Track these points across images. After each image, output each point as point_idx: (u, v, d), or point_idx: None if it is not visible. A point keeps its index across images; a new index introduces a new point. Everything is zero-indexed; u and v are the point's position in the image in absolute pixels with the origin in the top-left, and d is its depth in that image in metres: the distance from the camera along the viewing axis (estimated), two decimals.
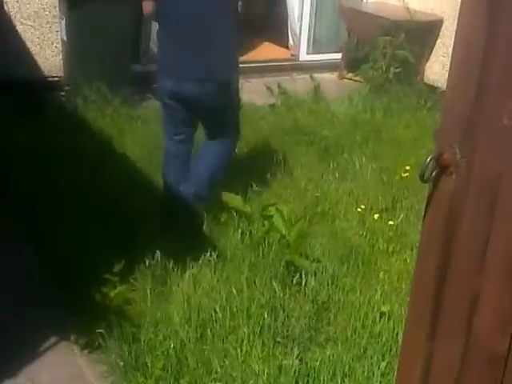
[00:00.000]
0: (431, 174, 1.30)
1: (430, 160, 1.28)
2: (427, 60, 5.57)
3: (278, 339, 2.53)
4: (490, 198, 1.24)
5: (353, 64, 5.74)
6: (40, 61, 4.83)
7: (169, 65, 3.03)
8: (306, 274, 2.83)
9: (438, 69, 5.50)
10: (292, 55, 6.07)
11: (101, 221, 3.11)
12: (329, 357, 2.39)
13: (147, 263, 2.78)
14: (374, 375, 2.34)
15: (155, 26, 3.52)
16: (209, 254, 2.90)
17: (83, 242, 2.95)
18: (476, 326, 1.32)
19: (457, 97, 1.30)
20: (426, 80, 5.55)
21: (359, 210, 3.44)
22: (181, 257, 2.86)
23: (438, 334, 1.43)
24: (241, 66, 3.38)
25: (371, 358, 2.42)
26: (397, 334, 2.53)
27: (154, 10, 3.00)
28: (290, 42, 6.11)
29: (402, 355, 1.60)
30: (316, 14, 5.91)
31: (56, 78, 4.78)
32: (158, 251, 2.79)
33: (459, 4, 1.28)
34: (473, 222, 1.29)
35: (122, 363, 2.38)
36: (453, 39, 1.31)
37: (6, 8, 4.67)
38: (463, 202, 1.30)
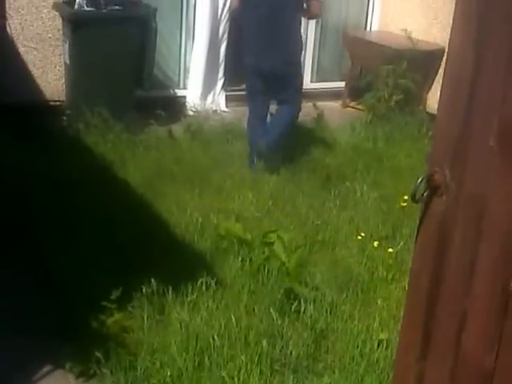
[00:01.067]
0: (422, 194, 1.34)
1: (422, 181, 1.32)
2: (429, 89, 5.60)
3: (276, 367, 2.53)
4: (477, 218, 1.26)
5: (356, 92, 5.77)
6: (42, 84, 4.82)
7: (252, 45, 4.20)
8: (305, 302, 2.83)
9: None
10: None
11: (99, 247, 3.11)
12: None
13: (144, 291, 2.77)
14: None
15: (159, 50, 4.82)
16: (208, 280, 2.89)
17: (81, 268, 2.95)
18: (464, 344, 1.35)
19: (446, 121, 1.34)
20: (427, 109, 5.57)
21: (359, 237, 3.44)
22: (180, 284, 2.85)
23: (428, 354, 1.46)
24: (243, 93, 4.59)
25: None
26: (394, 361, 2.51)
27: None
28: None
29: (395, 376, 1.63)
30: (320, 42, 5.97)
31: (58, 102, 4.77)
32: (152, 279, 2.78)
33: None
34: (461, 242, 1.32)
35: None
36: None
37: (8, 30, 4.67)
38: (453, 223, 1.32)
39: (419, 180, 1.32)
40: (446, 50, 1.34)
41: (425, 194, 1.34)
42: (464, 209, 1.29)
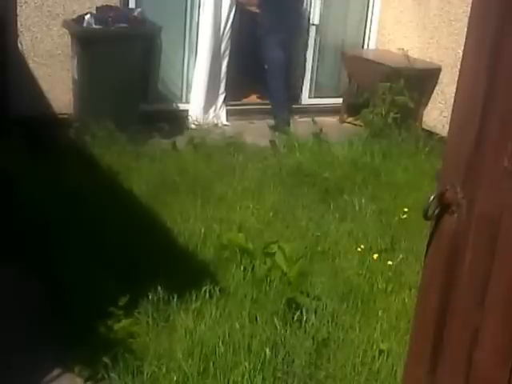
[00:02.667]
0: (434, 211, 1.34)
1: (434, 198, 1.33)
2: (425, 106, 5.72)
3: (279, 375, 2.57)
4: (491, 237, 1.27)
5: (353, 108, 5.88)
6: (51, 98, 4.93)
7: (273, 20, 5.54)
8: (307, 312, 2.88)
9: (435, 115, 5.65)
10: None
11: (107, 255, 3.17)
12: None
13: (150, 298, 2.83)
14: None
15: (163, 66, 5.20)
16: (211, 289, 2.96)
17: (89, 276, 3.00)
18: (476, 360, 1.34)
19: (459, 138, 1.35)
20: (423, 125, 5.69)
21: (359, 249, 3.51)
22: (184, 291, 2.91)
23: (438, 369, 1.46)
24: (246, 107, 5.37)
25: None
26: (395, 371, 2.58)
27: None
28: None
29: None
30: (318, 59, 6.09)
31: (66, 115, 4.87)
32: (159, 287, 2.84)
33: (456, 54, 1.38)
34: (473, 260, 1.32)
35: None
36: (450, 87, 1.41)
37: (20, 47, 4.80)
38: (464, 241, 1.33)
39: (431, 197, 1.33)
40: (458, 72, 1.38)
41: (436, 212, 1.34)
42: (476, 227, 1.30)
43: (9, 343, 2.65)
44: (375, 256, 3.44)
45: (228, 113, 5.62)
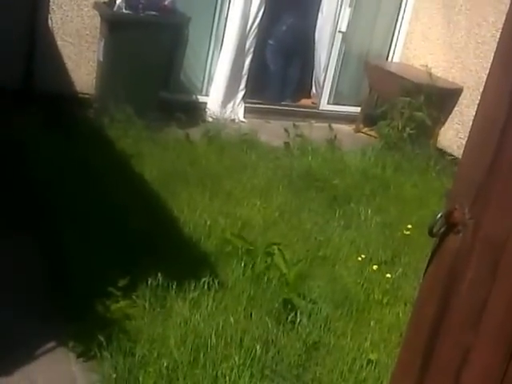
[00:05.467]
0: (439, 229, 1.35)
1: (441, 216, 1.34)
2: (442, 125, 5.73)
3: (267, 372, 2.60)
4: (493, 260, 1.28)
5: (370, 119, 5.91)
6: (74, 77, 4.99)
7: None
8: (301, 314, 2.92)
9: (451, 135, 5.66)
10: (313, 103, 6.26)
11: (112, 236, 3.22)
12: None
13: (150, 282, 2.88)
14: None
15: (187, 57, 5.26)
16: (210, 281, 2.99)
17: (92, 255, 3.05)
18: (464, 380, 1.35)
19: (474, 159, 1.36)
20: (438, 144, 5.70)
21: (359, 259, 3.54)
22: (183, 280, 2.96)
23: (425, 383, 1.46)
24: (264, 106, 5.59)
25: None
26: (381, 382, 2.61)
27: None
28: (313, 90, 6.31)
29: None
30: (341, 67, 6.11)
31: (87, 95, 4.93)
32: (159, 274, 2.88)
33: (480, 77, 1.39)
34: (473, 280, 1.33)
35: (114, 375, 2.44)
36: (470, 109, 1.41)
37: (50, 23, 4.87)
38: (466, 260, 1.34)
39: (438, 215, 1.34)
40: (480, 94, 1.38)
41: (441, 230, 1.36)
42: (480, 249, 1.31)
43: (8, 315, 2.70)
44: (375, 267, 3.47)
45: (246, 110, 5.66)
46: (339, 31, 5.96)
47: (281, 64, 6.13)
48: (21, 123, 4.28)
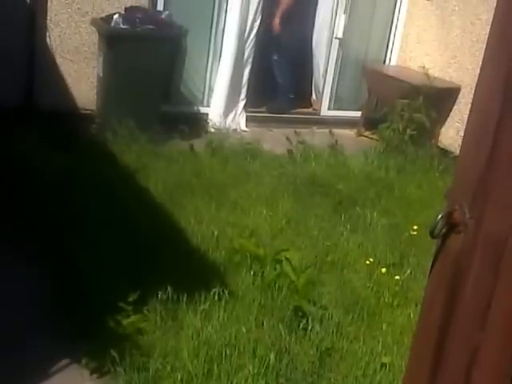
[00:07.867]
0: (441, 230, 1.36)
1: (441, 217, 1.35)
2: (442, 125, 5.75)
3: (281, 381, 2.60)
4: (495, 258, 1.28)
5: (371, 123, 5.92)
6: (75, 93, 5.03)
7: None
8: (313, 320, 2.92)
9: (452, 134, 5.67)
10: (314, 109, 6.29)
11: (120, 251, 3.23)
12: None
13: (160, 296, 2.88)
14: None
15: (187, 69, 5.25)
16: (220, 291, 3.00)
17: (100, 269, 3.06)
18: (474, 379, 1.35)
19: (470, 159, 1.37)
20: (439, 144, 5.72)
21: (367, 262, 3.55)
22: (194, 292, 2.96)
23: None
24: (265, 115, 5.68)
25: None
26: None
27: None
28: (313, 97, 6.34)
29: None
30: (340, 73, 6.14)
31: (89, 111, 4.96)
32: (168, 287, 2.89)
33: (476, 75, 1.39)
34: (477, 279, 1.34)
35: None
36: (469, 107, 1.41)
37: (48, 41, 4.91)
38: (469, 261, 1.34)
39: (439, 216, 1.34)
40: (474, 92, 1.40)
41: (443, 231, 1.36)
42: (481, 248, 1.31)
43: (21, 331, 2.71)
44: (383, 270, 3.47)
45: (247, 119, 5.69)
46: (336, 38, 5.99)
47: (289, 76, 6.15)
48: (22, 140, 4.29)
